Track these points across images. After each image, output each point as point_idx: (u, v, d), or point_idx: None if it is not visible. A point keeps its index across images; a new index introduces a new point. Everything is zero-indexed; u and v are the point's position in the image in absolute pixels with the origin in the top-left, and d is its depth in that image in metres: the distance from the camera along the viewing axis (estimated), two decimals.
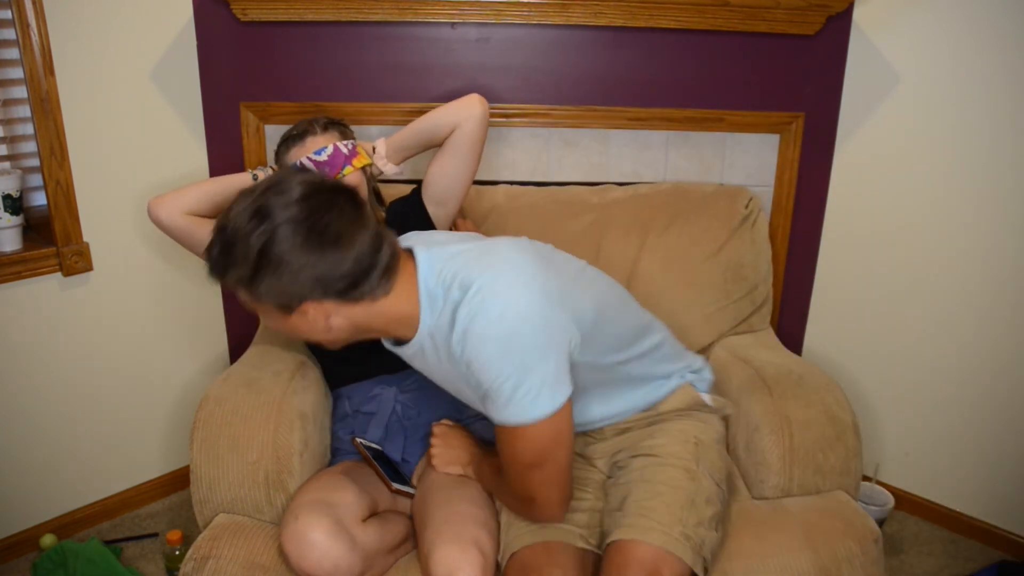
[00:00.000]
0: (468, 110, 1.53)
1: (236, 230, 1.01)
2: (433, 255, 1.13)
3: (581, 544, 1.25)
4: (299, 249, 1.00)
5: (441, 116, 1.53)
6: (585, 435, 1.39)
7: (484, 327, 1.04)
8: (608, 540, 1.21)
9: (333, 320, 1.08)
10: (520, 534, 1.25)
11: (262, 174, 1.53)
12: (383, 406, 1.50)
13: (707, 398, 1.38)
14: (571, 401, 1.09)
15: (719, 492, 1.29)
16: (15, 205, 1.70)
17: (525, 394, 1.05)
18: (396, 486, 1.37)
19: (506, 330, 1.03)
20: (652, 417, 1.34)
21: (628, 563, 1.15)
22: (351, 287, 1.06)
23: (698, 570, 1.18)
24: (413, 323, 1.13)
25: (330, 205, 1.03)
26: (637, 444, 1.32)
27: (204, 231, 1.46)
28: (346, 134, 1.54)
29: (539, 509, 1.17)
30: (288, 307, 1.05)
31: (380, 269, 1.07)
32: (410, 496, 1.41)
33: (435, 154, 1.58)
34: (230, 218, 1.03)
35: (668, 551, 1.15)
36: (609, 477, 1.36)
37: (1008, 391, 1.90)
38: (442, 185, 1.57)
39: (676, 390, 1.35)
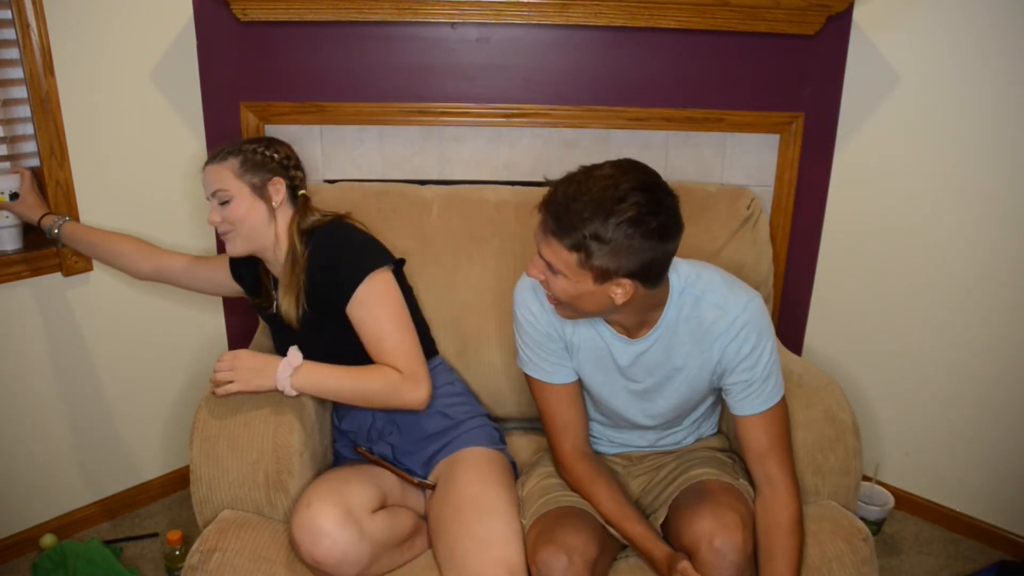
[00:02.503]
0: (411, 399, 1.39)
1: (601, 201, 1.11)
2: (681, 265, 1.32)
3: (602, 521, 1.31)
4: (642, 237, 1.11)
5: (375, 397, 1.38)
6: (625, 465, 1.50)
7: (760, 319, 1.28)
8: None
9: (622, 295, 1.17)
10: (544, 502, 1.33)
11: None
12: (362, 423, 1.51)
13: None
14: None
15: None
16: None
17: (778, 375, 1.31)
18: (418, 479, 1.40)
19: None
20: (691, 450, 1.49)
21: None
22: (659, 275, 1.19)
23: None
24: (659, 312, 1.28)
25: (662, 206, 1.14)
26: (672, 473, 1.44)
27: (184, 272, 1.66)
28: (251, 160, 1.44)
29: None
30: (606, 277, 1.15)
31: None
32: (431, 488, 1.42)
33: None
34: (594, 186, 1.13)
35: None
36: (640, 498, 1.45)
37: (1008, 391, 1.90)
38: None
39: (717, 434, 1.55)
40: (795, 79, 1.94)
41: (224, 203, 1.43)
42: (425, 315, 1.64)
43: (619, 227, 1.10)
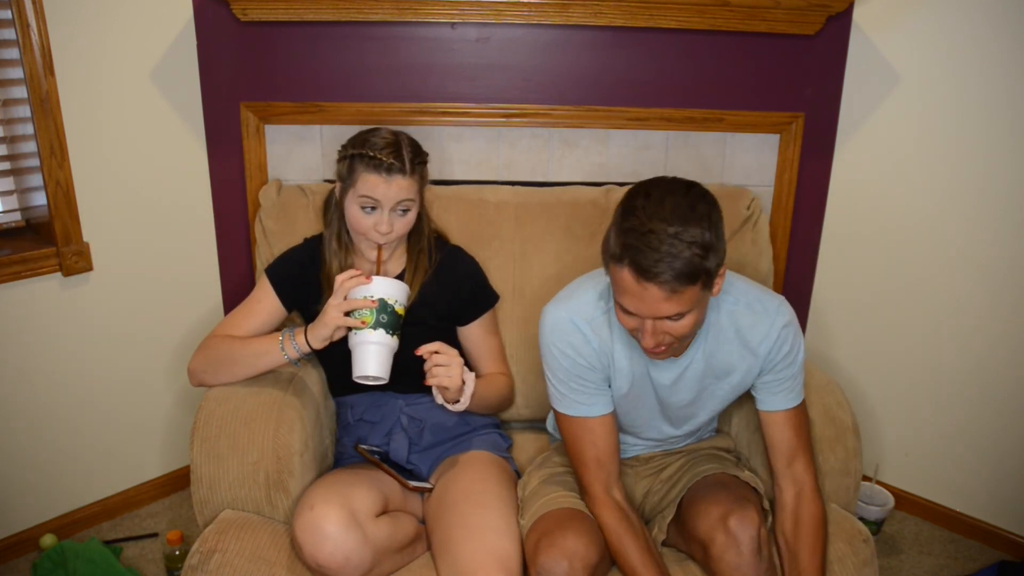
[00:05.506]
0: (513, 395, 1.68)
1: (687, 220, 1.08)
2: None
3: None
4: (718, 212, 1.12)
5: (505, 400, 1.61)
6: (633, 465, 1.49)
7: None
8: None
9: (720, 283, 1.16)
10: (544, 502, 1.31)
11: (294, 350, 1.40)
12: (388, 415, 1.50)
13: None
14: None
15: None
16: None
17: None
18: (413, 484, 1.37)
19: None
20: (695, 449, 1.49)
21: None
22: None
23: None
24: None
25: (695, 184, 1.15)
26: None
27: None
28: (424, 174, 1.47)
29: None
30: (714, 275, 1.12)
31: None
32: (428, 491, 1.41)
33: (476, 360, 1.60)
34: (668, 217, 1.08)
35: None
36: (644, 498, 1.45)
37: (1008, 391, 1.90)
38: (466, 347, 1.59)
39: (720, 435, 1.56)
40: (795, 79, 1.94)
41: (405, 212, 1.42)
42: None
43: (705, 223, 1.08)
